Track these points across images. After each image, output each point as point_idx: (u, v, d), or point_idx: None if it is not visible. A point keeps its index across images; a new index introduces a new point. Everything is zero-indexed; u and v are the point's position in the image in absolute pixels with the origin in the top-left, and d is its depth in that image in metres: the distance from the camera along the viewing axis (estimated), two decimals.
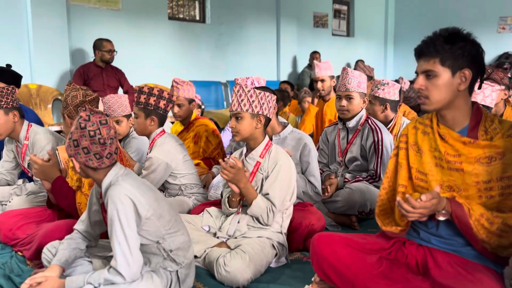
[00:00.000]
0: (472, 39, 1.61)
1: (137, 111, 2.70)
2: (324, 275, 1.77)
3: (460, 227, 1.58)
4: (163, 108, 2.72)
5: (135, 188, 1.71)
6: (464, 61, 1.58)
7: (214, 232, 2.34)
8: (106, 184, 1.74)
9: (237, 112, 2.25)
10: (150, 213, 1.71)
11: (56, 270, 1.77)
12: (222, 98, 7.10)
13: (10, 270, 2.21)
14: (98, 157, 1.70)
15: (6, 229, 2.50)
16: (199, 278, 2.08)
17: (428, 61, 1.60)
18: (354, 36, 9.49)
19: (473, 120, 1.64)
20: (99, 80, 5.17)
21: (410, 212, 1.54)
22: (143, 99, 2.67)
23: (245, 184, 2.20)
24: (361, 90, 3.00)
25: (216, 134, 3.59)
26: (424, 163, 1.70)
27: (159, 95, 2.68)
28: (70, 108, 2.46)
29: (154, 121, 2.70)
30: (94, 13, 5.71)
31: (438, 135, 1.68)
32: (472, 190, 1.61)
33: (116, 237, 1.64)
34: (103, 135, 1.70)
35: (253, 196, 2.21)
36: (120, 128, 3.20)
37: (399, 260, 1.73)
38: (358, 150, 3.02)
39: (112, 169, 1.76)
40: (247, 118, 2.25)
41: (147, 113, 2.69)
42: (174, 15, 6.85)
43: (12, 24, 5.06)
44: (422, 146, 1.72)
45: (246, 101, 2.24)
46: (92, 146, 1.69)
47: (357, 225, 2.83)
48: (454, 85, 1.60)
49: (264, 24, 7.75)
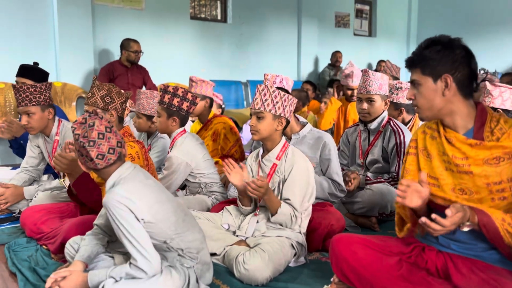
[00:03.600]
0: (456, 43, 1.61)
1: (160, 110, 2.73)
2: (343, 276, 1.76)
3: (489, 235, 1.54)
4: (185, 110, 2.75)
5: (132, 193, 1.69)
6: (443, 67, 1.60)
7: (234, 230, 2.36)
8: (109, 186, 1.76)
9: (259, 111, 2.25)
10: (148, 218, 1.71)
11: (79, 265, 1.81)
12: (242, 98, 7.12)
13: (35, 263, 2.27)
14: (101, 157, 1.72)
15: (31, 223, 2.57)
16: (219, 276, 2.10)
17: (413, 72, 1.68)
18: (376, 36, 9.39)
19: (478, 122, 1.63)
20: (124, 79, 5.25)
21: (437, 230, 1.50)
22: (167, 99, 2.69)
23: (269, 195, 2.20)
24: (382, 92, 2.97)
25: (234, 131, 3.60)
26: (434, 168, 1.69)
27: (183, 97, 2.71)
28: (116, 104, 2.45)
29: (175, 121, 2.74)
30: (117, 12, 5.80)
31: (445, 138, 1.67)
32: (483, 192, 1.59)
33: (126, 240, 1.67)
34: (91, 138, 1.71)
35: (276, 206, 2.21)
36: (137, 122, 3.25)
37: (419, 265, 1.71)
38: (380, 152, 2.99)
39: (117, 170, 1.77)
40: (269, 118, 2.25)
41: (169, 113, 2.72)
42: (196, 15, 6.90)
43: (39, 24, 5.19)
44: (431, 151, 1.71)
45: (270, 101, 2.23)
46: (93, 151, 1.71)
47: (377, 227, 2.80)
48: (438, 92, 1.63)
49: (285, 24, 7.75)
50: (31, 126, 2.84)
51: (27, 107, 2.80)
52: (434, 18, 9.64)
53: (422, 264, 1.71)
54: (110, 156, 1.74)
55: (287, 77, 2.84)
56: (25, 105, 2.79)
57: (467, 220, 1.53)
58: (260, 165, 2.36)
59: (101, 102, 2.38)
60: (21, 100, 2.79)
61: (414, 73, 1.68)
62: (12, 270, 2.21)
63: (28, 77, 3.41)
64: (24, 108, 2.80)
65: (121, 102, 2.43)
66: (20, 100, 2.79)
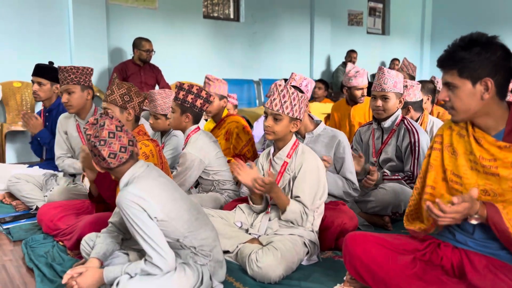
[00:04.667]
0: (495, 44, 1.54)
1: (174, 106, 2.77)
2: (356, 274, 1.76)
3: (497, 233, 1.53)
4: (199, 107, 2.77)
5: (145, 191, 1.71)
6: (484, 70, 1.53)
7: (246, 228, 2.37)
8: (123, 184, 1.78)
9: (277, 113, 2.23)
10: (161, 216, 1.72)
11: (95, 262, 1.83)
12: (255, 97, 7.13)
13: (52, 258, 2.31)
14: (113, 156, 1.74)
15: (48, 220, 2.61)
16: (231, 273, 2.11)
17: (447, 73, 1.59)
18: (389, 34, 9.32)
19: (510, 124, 1.58)
20: (137, 78, 5.29)
21: (441, 217, 1.50)
22: (182, 95, 2.73)
23: (277, 193, 2.20)
24: (397, 90, 2.95)
25: (246, 130, 3.61)
26: (459, 166, 1.67)
27: (197, 94, 2.74)
28: (134, 103, 2.47)
29: (188, 118, 2.76)
30: (131, 12, 5.85)
31: (473, 138, 1.64)
32: (508, 195, 1.56)
33: (140, 238, 1.68)
34: (101, 137, 1.74)
35: (285, 203, 2.21)
36: (155, 122, 3.28)
37: (434, 262, 1.70)
38: (393, 150, 2.98)
39: (130, 169, 1.79)
40: (286, 121, 2.24)
41: (183, 110, 2.75)
42: (209, 14, 6.92)
43: (55, 24, 5.26)
44: (457, 148, 1.68)
45: (289, 103, 2.22)
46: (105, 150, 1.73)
47: (390, 226, 2.79)
48: (477, 95, 1.56)
49: (298, 22, 7.73)
50: (70, 104, 3.01)
51: (68, 85, 2.98)
52: (449, 16, 9.53)
53: (437, 261, 1.70)
54: (122, 154, 1.75)
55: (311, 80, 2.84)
56: (67, 83, 2.98)
57: (476, 213, 1.52)
58: (271, 163, 2.37)
59: (120, 100, 2.41)
60: (64, 79, 2.98)
61: (450, 75, 1.59)
62: (29, 265, 2.25)
63: (43, 76, 3.45)
64: (66, 86, 2.98)
65: (139, 101, 2.46)
66: (63, 79, 2.98)
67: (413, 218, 1.81)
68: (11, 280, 2.15)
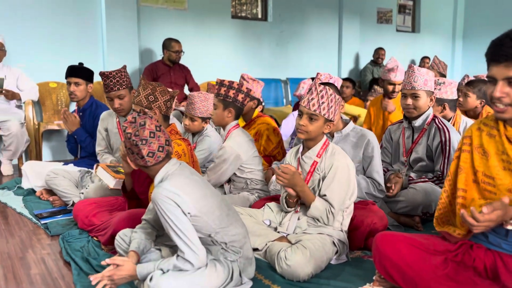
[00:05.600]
0: None
1: (217, 102, 2.83)
2: (386, 274, 1.75)
3: None
4: (240, 101, 2.83)
5: (178, 188, 1.76)
6: None
7: (275, 226, 2.39)
8: (157, 181, 1.83)
9: (314, 113, 2.21)
10: (194, 212, 1.77)
11: (134, 257, 1.88)
12: (282, 96, 7.14)
13: (87, 253, 2.38)
14: (151, 155, 1.80)
15: (83, 216, 2.70)
16: (260, 271, 2.14)
17: (509, 66, 1.48)
18: (419, 32, 9.14)
19: None
20: (167, 78, 5.38)
21: (475, 225, 1.48)
22: (223, 91, 2.79)
23: (302, 187, 2.21)
24: (428, 88, 2.90)
25: (277, 132, 3.62)
26: (490, 167, 1.63)
27: (238, 89, 2.80)
28: (160, 102, 2.52)
29: (231, 113, 2.82)
30: (161, 13, 5.96)
31: (506, 137, 1.60)
32: None
33: (174, 233, 1.73)
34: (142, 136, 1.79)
35: (311, 199, 2.22)
36: (191, 124, 3.35)
37: (466, 263, 1.67)
38: (424, 150, 2.92)
39: (164, 166, 1.84)
40: (321, 121, 2.23)
41: (225, 105, 2.80)
42: (237, 14, 6.97)
43: (88, 26, 5.41)
44: (488, 149, 1.65)
45: (326, 105, 2.21)
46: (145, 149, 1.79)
47: (420, 226, 2.75)
48: None
49: (326, 20, 7.68)
50: (122, 108, 3.08)
51: (119, 91, 3.04)
52: (482, 13, 9.26)
53: (470, 262, 1.67)
54: (160, 154, 1.82)
55: (338, 78, 2.84)
56: (117, 90, 3.03)
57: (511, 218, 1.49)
58: (299, 162, 2.37)
59: (145, 101, 2.47)
60: (112, 85, 3.02)
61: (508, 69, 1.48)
62: (66, 259, 2.34)
63: (79, 76, 3.56)
64: (116, 93, 3.04)
65: (164, 100, 2.51)
66: (112, 86, 3.02)
67: (443, 221, 1.79)
68: (49, 272, 2.24)
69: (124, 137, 1.84)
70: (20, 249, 2.55)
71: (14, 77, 4.70)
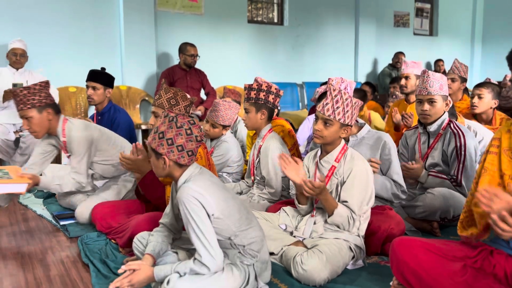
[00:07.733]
0: None
1: (248, 106, 2.85)
2: (404, 280, 1.73)
3: None
4: (272, 102, 2.86)
5: (203, 189, 1.78)
6: None
7: (291, 231, 2.38)
8: (181, 182, 1.85)
9: (329, 118, 2.20)
10: (217, 213, 1.79)
11: (149, 259, 1.91)
12: (298, 100, 7.14)
13: (105, 255, 2.42)
14: (190, 153, 1.83)
15: (101, 218, 2.74)
16: (276, 275, 2.14)
17: None
18: (437, 35, 9.05)
19: None
20: (183, 82, 5.42)
21: (506, 231, 1.43)
22: (253, 94, 2.82)
23: (325, 195, 2.19)
24: (443, 93, 2.86)
25: (291, 134, 3.62)
26: None
27: (268, 90, 2.83)
28: (181, 107, 2.54)
29: (264, 114, 2.86)
30: (178, 18, 6.02)
31: None
32: None
33: (194, 234, 1.74)
34: (195, 134, 1.82)
35: (333, 207, 2.20)
36: (212, 130, 3.41)
37: (486, 270, 1.64)
38: (440, 155, 2.89)
39: (188, 168, 1.87)
40: (336, 126, 2.23)
41: (257, 107, 2.83)
42: (253, 18, 7.00)
43: (106, 31, 5.51)
44: None
45: (342, 109, 2.20)
46: (187, 144, 1.81)
47: (438, 232, 2.72)
48: None
49: (342, 24, 7.67)
50: (32, 130, 2.81)
51: (23, 111, 2.76)
52: (501, 16, 9.12)
53: (489, 269, 1.64)
54: (193, 157, 1.86)
55: (351, 81, 2.82)
56: (21, 109, 2.76)
57: None
58: (317, 166, 2.36)
59: (167, 104, 2.50)
60: (17, 104, 2.76)
61: None
62: (85, 261, 2.37)
63: (97, 81, 3.63)
64: (22, 113, 2.77)
65: (185, 105, 2.54)
66: (18, 104, 2.76)
67: (468, 225, 1.75)
68: (68, 274, 2.28)
69: (177, 132, 1.80)
70: (40, 251, 2.59)
71: (35, 82, 4.79)
